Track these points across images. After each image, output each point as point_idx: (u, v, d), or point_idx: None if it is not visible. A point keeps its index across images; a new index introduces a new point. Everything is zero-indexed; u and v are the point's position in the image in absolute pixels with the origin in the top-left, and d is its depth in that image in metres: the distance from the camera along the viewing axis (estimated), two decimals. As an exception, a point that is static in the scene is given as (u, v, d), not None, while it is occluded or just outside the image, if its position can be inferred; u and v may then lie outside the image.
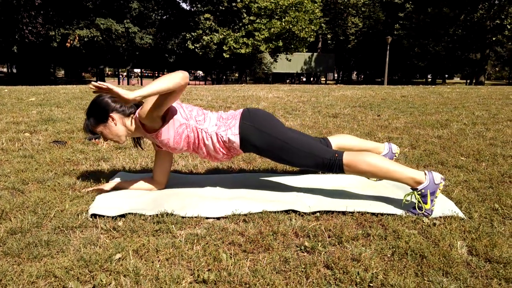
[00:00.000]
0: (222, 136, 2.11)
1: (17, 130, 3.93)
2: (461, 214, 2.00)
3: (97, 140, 3.46)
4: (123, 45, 27.75)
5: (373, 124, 4.37)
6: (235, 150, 2.18)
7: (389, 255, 1.64)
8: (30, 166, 2.73)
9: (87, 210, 2.00)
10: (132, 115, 2.16)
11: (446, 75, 49.86)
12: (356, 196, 2.22)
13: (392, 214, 2.01)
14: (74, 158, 2.95)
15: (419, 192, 1.98)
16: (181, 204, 2.08)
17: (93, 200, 2.14)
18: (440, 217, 1.99)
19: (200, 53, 25.73)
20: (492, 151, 3.18)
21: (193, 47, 25.54)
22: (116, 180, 2.39)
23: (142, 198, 2.16)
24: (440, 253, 1.63)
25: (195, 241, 1.73)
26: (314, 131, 3.99)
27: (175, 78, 1.86)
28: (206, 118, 2.14)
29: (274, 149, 2.09)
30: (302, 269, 1.52)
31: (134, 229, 1.83)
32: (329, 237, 1.79)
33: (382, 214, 2.00)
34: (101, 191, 2.27)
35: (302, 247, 1.69)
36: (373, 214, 2.01)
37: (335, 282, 1.45)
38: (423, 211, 1.98)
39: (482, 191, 2.34)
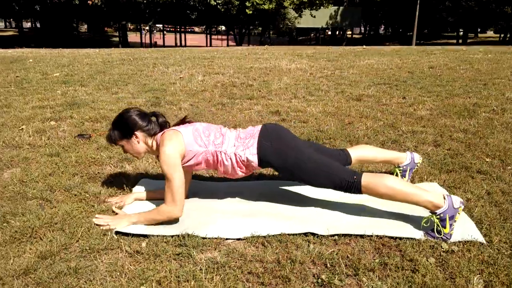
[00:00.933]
0: (240, 156, 2.13)
1: (43, 118, 4.02)
2: (481, 239, 1.99)
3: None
4: (144, 1, 27.36)
5: (397, 111, 4.28)
6: (253, 168, 2.20)
7: (405, 292, 1.66)
8: (57, 168, 2.82)
9: (112, 230, 2.08)
10: (155, 136, 2.20)
11: (479, 29, 47.57)
12: (375, 213, 2.23)
13: (411, 238, 2.01)
14: (98, 157, 3.03)
15: (438, 216, 1.97)
16: (202, 221, 2.14)
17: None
18: (459, 241, 1.99)
19: (222, 10, 25.21)
20: (519, 151, 3.10)
21: (214, 3, 25.00)
22: (138, 191, 2.46)
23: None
24: (456, 292, 1.65)
25: (215, 270, 1.79)
26: (336, 121, 3.94)
27: (166, 214, 2.08)
28: (225, 139, 2.16)
29: (293, 169, 2.11)
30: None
31: (156, 253, 1.90)
32: (346, 266, 1.82)
33: (400, 238, 2.01)
34: (124, 203, 2.35)
35: (320, 280, 1.73)
36: (391, 237, 2.02)
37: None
38: (441, 235, 1.98)
39: (505, 207, 2.31)
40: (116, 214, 2.23)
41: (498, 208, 2.31)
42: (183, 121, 2.29)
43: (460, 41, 36.81)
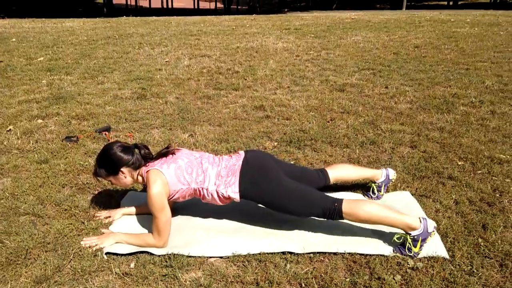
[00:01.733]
0: (222, 193, 2.25)
1: (30, 116, 4.06)
2: (444, 254, 2.17)
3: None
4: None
5: (378, 105, 4.39)
6: (235, 201, 2.33)
7: (370, 313, 1.84)
8: (46, 178, 2.91)
9: (102, 249, 2.21)
10: (140, 168, 2.28)
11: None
12: (349, 230, 2.37)
13: (381, 255, 2.18)
14: (86, 164, 3.12)
15: (412, 237, 2.13)
16: (186, 239, 2.28)
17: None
18: (425, 257, 2.16)
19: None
20: (490, 153, 3.26)
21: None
22: (126, 205, 2.58)
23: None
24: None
25: (199, 292, 1.94)
26: (318, 117, 4.05)
27: (151, 245, 2.21)
28: (206, 177, 2.25)
29: (275, 203, 2.22)
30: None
31: (144, 275, 2.05)
32: (318, 286, 1.99)
33: (370, 255, 2.18)
34: (112, 218, 2.47)
35: (294, 302, 1.89)
36: (362, 254, 2.18)
37: None
38: (411, 253, 2.14)
39: (470, 217, 2.48)
40: (103, 233, 2.35)
41: (464, 219, 2.48)
42: (166, 153, 2.31)
43: (451, 3, 36.32)
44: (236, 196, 2.24)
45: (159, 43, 7.94)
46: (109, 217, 2.49)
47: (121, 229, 2.39)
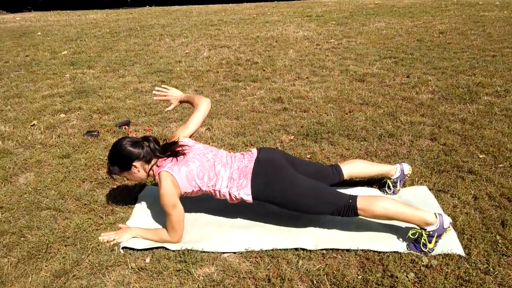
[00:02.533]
0: (235, 195, 2.27)
1: (53, 110, 4.17)
2: (460, 251, 2.13)
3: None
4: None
5: (398, 95, 4.31)
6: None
7: (381, 312, 1.83)
8: (67, 173, 3.00)
9: (118, 244, 2.27)
10: (151, 162, 2.31)
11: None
12: (362, 225, 2.36)
13: (395, 252, 2.16)
14: (106, 158, 3.19)
15: (427, 233, 2.10)
16: (200, 235, 2.32)
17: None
18: (439, 254, 2.13)
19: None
20: (513, 145, 3.16)
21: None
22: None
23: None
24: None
25: (216, 287, 1.98)
26: (336, 109, 4.01)
27: (166, 241, 2.26)
28: (218, 181, 2.26)
29: (288, 203, 2.22)
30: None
31: (159, 270, 2.10)
32: (330, 284, 1.99)
33: (384, 252, 2.16)
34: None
35: (305, 299, 1.91)
36: (375, 251, 2.17)
37: None
38: (426, 249, 2.12)
39: (489, 214, 2.42)
40: (119, 228, 2.41)
41: (482, 215, 2.43)
42: (177, 152, 2.29)
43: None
44: (248, 198, 2.25)
45: (180, 34, 7.98)
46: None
47: (138, 224, 2.45)
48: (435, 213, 2.13)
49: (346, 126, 3.61)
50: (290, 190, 2.20)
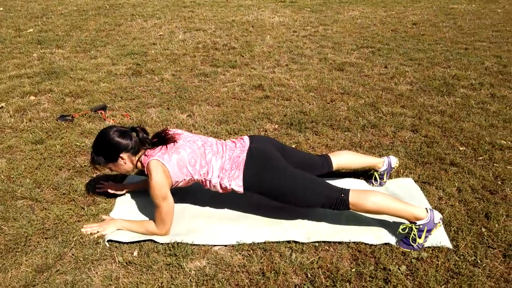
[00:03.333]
0: (226, 186, 2.21)
1: (22, 92, 3.94)
2: (448, 244, 2.17)
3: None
4: None
5: (378, 86, 4.33)
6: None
7: (377, 305, 1.84)
8: (42, 160, 2.84)
9: (103, 237, 2.17)
10: (138, 153, 2.21)
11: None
12: (353, 218, 2.35)
13: (386, 244, 2.17)
14: (83, 145, 3.04)
15: (417, 227, 2.12)
16: (188, 227, 2.25)
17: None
18: (429, 247, 2.16)
19: None
20: (491, 138, 3.24)
21: None
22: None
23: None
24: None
25: (205, 282, 1.92)
26: (318, 98, 3.99)
27: (153, 233, 2.18)
28: (209, 169, 2.19)
29: (279, 195, 2.18)
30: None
31: (148, 263, 2.02)
32: (324, 277, 1.98)
33: (375, 245, 2.17)
34: (113, 191, 2.46)
35: (300, 293, 1.89)
36: (366, 244, 2.17)
37: None
38: (415, 244, 2.14)
39: (473, 206, 2.48)
40: (103, 220, 2.31)
41: (467, 207, 2.47)
42: (166, 140, 2.21)
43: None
44: (240, 189, 2.20)
45: (152, 15, 7.71)
46: (112, 188, 2.45)
47: (122, 216, 2.35)
48: (426, 208, 2.15)
49: (329, 116, 3.59)
50: (282, 182, 2.15)
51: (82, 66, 4.68)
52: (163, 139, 2.21)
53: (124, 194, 2.52)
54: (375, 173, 2.67)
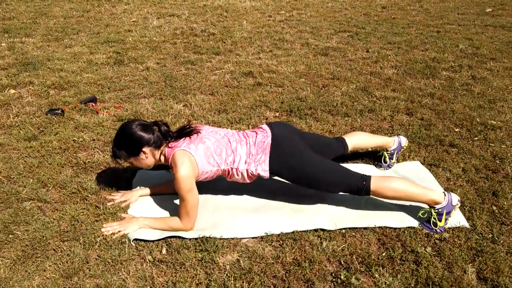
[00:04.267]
0: (252, 172, 2.19)
1: (0, 85, 3.69)
2: (465, 224, 2.25)
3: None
4: None
5: (365, 70, 4.39)
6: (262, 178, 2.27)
7: (413, 285, 1.88)
8: (41, 157, 2.69)
9: (126, 236, 2.09)
10: (161, 147, 2.14)
11: None
12: (374, 204, 2.38)
13: (408, 227, 2.23)
14: (81, 140, 2.90)
15: (436, 211, 2.18)
16: (213, 220, 2.22)
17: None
18: (449, 228, 2.23)
19: None
20: (482, 119, 3.38)
21: None
22: (138, 186, 2.44)
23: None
24: (455, 282, 1.89)
25: (242, 276, 1.90)
26: (310, 84, 3.99)
27: (178, 229, 2.12)
28: (236, 157, 2.16)
29: (302, 178, 2.19)
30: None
31: (180, 261, 1.97)
32: (358, 262, 2.00)
33: (399, 229, 2.22)
34: (129, 201, 2.34)
35: (339, 280, 1.90)
36: (390, 228, 2.22)
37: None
38: (436, 228, 2.20)
39: (480, 185, 2.58)
40: (123, 218, 2.22)
41: (475, 187, 2.57)
42: (189, 131, 2.16)
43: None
44: (266, 174, 2.19)
45: (119, 0, 7.40)
46: (126, 200, 2.35)
47: (141, 213, 2.27)
48: (443, 192, 2.22)
49: (326, 101, 3.61)
50: (306, 167, 2.17)
51: (59, 56, 4.44)
52: (185, 131, 2.15)
53: (137, 200, 2.43)
54: (385, 153, 2.72)
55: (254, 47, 5.07)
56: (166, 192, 2.43)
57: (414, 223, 2.26)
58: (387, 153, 2.72)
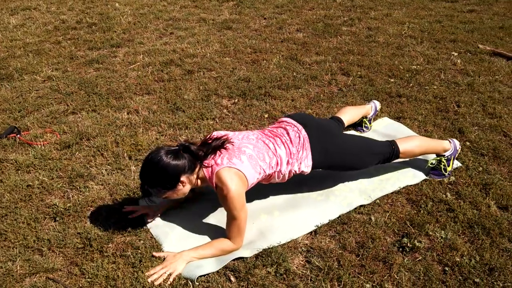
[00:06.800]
0: (295, 171, 2.10)
1: None
2: (458, 164, 2.53)
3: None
4: None
5: (277, 39, 4.42)
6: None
7: (466, 233, 2.06)
8: (3, 217, 2.12)
9: (184, 275, 1.83)
10: (197, 168, 1.88)
11: None
12: (381, 169, 2.49)
13: (422, 180, 2.41)
14: (38, 182, 2.36)
15: (446, 158, 2.40)
16: (256, 229, 2.10)
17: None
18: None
19: None
20: (404, 66, 3.74)
21: None
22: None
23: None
24: (490, 218, 2.13)
25: (327, 275, 1.84)
26: (239, 61, 3.87)
27: (229, 250, 1.94)
28: (278, 159, 2.03)
29: (346, 163, 2.21)
30: (427, 274, 1.84)
31: (258, 282, 1.81)
32: (408, 225, 2.11)
33: (415, 185, 2.38)
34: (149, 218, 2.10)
35: (407, 248, 1.98)
36: (410, 185, 2.37)
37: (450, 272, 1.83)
38: (447, 173, 2.42)
39: (445, 126, 2.88)
40: (164, 259, 1.92)
41: (442, 129, 2.87)
42: (221, 144, 1.91)
43: None
44: (308, 169, 2.12)
45: None
46: (148, 214, 2.11)
47: (179, 245, 2.00)
48: (448, 139, 2.44)
49: (268, 77, 3.55)
50: (347, 151, 2.19)
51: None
52: (216, 145, 1.90)
53: (153, 219, 2.13)
54: (365, 119, 2.85)
55: (150, 31, 4.65)
56: (176, 205, 2.21)
57: (423, 176, 2.44)
58: (366, 119, 2.85)
